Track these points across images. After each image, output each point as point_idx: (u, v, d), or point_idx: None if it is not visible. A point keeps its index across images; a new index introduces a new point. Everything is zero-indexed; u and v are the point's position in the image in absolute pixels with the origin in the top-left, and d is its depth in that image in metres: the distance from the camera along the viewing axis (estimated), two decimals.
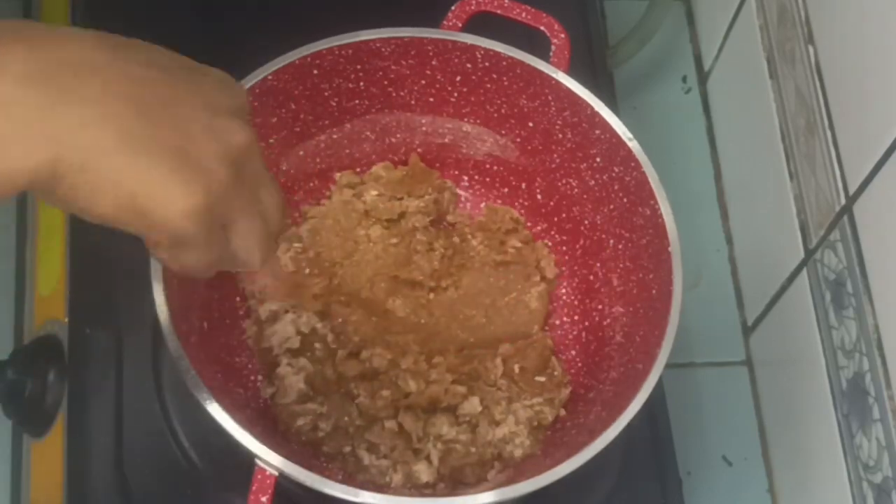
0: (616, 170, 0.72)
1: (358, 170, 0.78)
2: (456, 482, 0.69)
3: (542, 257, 0.77)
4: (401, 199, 0.76)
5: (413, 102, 0.76)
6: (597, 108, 0.71)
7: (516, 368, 0.72)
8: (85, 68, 0.44)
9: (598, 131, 0.71)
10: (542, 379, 0.72)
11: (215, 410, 0.59)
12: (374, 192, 0.76)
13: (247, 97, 0.52)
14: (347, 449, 0.69)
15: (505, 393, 0.71)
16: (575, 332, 0.76)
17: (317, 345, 0.71)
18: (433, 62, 0.73)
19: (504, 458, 0.70)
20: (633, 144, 0.69)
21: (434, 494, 0.68)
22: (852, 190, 0.70)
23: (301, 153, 0.75)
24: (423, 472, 0.68)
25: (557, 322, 0.77)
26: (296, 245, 0.74)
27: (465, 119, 0.77)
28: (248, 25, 0.85)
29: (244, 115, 0.50)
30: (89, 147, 0.43)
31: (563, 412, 0.72)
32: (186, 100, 0.47)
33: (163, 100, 0.45)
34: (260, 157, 0.50)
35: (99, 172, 0.43)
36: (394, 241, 0.75)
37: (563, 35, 0.73)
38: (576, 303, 0.77)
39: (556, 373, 0.73)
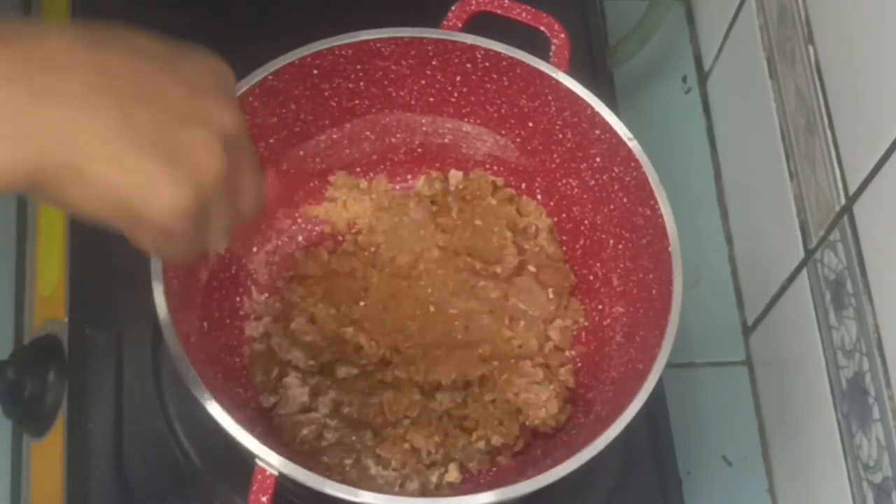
0: (616, 170, 0.72)
1: (358, 169, 0.78)
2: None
3: (530, 211, 0.78)
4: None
5: (413, 102, 0.76)
6: (597, 108, 0.71)
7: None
8: (64, 64, 0.43)
9: (598, 131, 0.71)
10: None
11: (215, 410, 0.59)
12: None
13: (232, 72, 0.50)
14: (349, 461, 0.69)
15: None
16: (575, 333, 0.76)
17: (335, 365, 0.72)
18: (433, 62, 0.73)
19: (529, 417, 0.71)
20: (634, 144, 0.69)
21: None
22: (852, 190, 0.70)
23: (301, 153, 0.75)
24: (452, 474, 0.69)
25: None
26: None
27: (465, 119, 0.77)
28: (248, 25, 0.85)
29: (230, 93, 0.48)
30: (73, 146, 0.42)
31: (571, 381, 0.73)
32: (169, 88, 0.45)
33: (145, 91, 0.44)
34: (247, 136, 0.48)
35: (85, 171, 0.43)
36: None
37: (563, 35, 0.73)
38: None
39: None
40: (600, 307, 0.75)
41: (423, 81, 0.74)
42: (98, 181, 0.43)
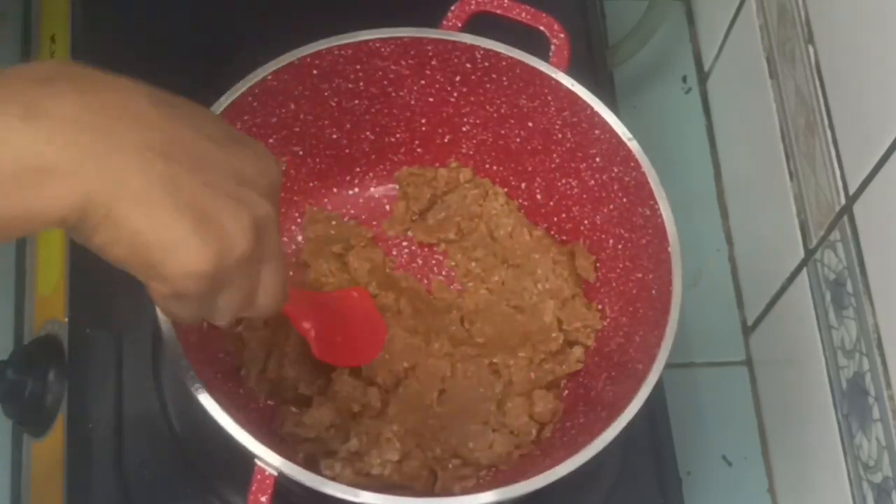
0: (616, 170, 0.72)
1: (358, 169, 0.78)
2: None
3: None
4: None
5: (413, 102, 0.76)
6: (596, 108, 0.71)
7: None
8: (130, 119, 0.46)
9: (597, 131, 0.71)
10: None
11: (215, 411, 0.59)
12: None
13: (281, 176, 0.52)
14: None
15: None
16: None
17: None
18: (433, 62, 0.73)
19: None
20: (633, 144, 0.69)
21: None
22: (852, 190, 0.70)
23: (301, 153, 0.75)
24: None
25: None
26: None
27: (465, 119, 0.77)
28: (248, 25, 0.85)
29: (273, 192, 0.51)
30: (116, 192, 0.44)
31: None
32: (219, 165, 0.48)
33: (196, 161, 0.47)
34: (276, 235, 0.51)
35: (120, 219, 0.45)
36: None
37: (562, 35, 0.73)
38: None
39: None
40: (600, 307, 0.75)
41: (423, 81, 0.74)
42: (129, 230, 0.45)
